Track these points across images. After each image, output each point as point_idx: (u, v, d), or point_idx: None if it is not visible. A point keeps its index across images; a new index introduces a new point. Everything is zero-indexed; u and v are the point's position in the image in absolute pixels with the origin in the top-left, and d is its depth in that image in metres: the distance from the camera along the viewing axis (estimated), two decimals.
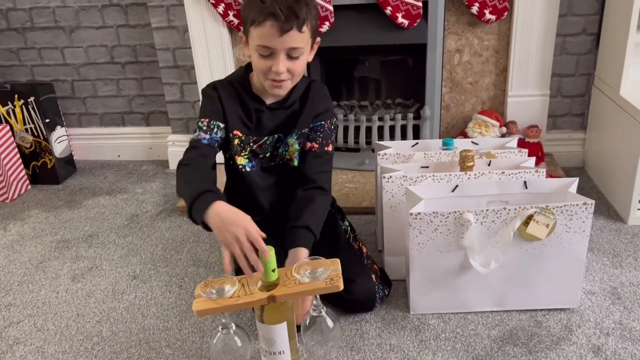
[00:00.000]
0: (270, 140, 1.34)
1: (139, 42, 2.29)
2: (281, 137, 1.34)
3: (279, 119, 1.33)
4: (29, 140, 2.24)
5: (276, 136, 1.34)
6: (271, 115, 1.32)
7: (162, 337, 1.31)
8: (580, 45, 1.98)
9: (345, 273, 1.23)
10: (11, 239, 1.84)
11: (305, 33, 1.17)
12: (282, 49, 1.17)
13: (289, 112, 1.33)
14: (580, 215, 1.19)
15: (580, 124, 2.11)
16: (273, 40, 1.15)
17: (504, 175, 1.33)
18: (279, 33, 1.14)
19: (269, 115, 1.32)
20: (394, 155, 1.48)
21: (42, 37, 2.34)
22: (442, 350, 1.21)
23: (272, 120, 1.33)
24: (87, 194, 2.16)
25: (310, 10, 1.17)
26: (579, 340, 1.21)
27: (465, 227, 1.21)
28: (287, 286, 1.04)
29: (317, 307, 1.10)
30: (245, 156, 1.34)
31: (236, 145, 1.32)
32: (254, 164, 1.35)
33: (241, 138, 1.32)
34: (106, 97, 2.42)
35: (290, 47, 1.17)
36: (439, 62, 1.97)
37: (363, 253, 1.41)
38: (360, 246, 1.43)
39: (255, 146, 1.34)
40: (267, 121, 1.32)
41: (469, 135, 2.00)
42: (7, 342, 1.33)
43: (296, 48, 1.18)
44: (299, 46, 1.18)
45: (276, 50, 1.17)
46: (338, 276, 1.05)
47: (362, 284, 1.30)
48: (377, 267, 1.40)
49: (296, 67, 1.21)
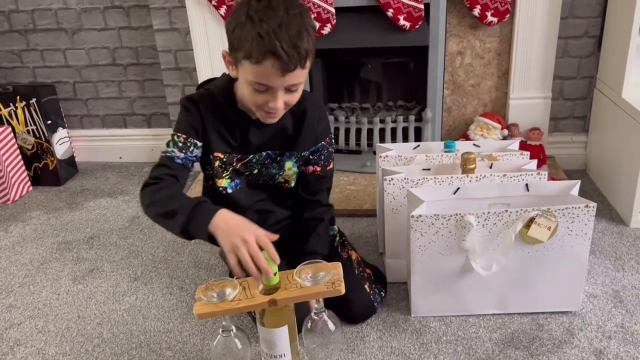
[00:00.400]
0: (257, 158, 1.25)
1: (141, 44, 2.29)
2: (270, 155, 1.25)
3: (266, 135, 1.23)
4: (31, 142, 2.24)
5: (264, 154, 1.25)
6: (258, 132, 1.22)
7: (162, 339, 1.31)
8: (582, 48, 1.98)
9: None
10: (12, 240, 1.84)
11: (307, 67, 1.07)
12: (283, 86, 1.06)
13: (277, 128, 1.22)
14: (582, 218, 1.19)
15: (582, 126, 2.10)
16: (272, 80, 1.04)
17: (505, 177, 1.33)
18: (281, 73, 1.02)
19: (255, 132, 1.22)
20: (396, 157, 1.48)
21: (44, 39, 2.34)
22: (444, 353, 1.20)
23: (259, 137, 1.22)
24: (88, 196, 2.16)
25: (311, 38, 1.04)
26: (580, 343, 1.21)
27: (466, 230, 1.20)
28: (288, 290, 1.03)
29: (318, 310, 1.10)
30: (227, 177, 1.25)
31: (217, 167, 1.22)
32: (239, 182, 1.27)
33: (222, 159, 1.22)
34: (108, 98, 2.43)
35: (292, 84, 1.07)
36: (441, 65, 1.97)
37: (353, 261, 1.38)
38: (349, 253, 1.40)
39: (240, 165, 1.24)
40: (253, 138, 1.22)
41: (471, 137, 2.00)
42: (8, 344, 1.33)
43: (297, 84, 1.08)
44: (299, 82, 1.08)
45: (275, 88, 1.06)
46: (339, 280, 1.05)
47: (357, 299, 1.29)
48: (369, 270, 1.39)
49: (293, 99, 1.12)
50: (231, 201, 1.25)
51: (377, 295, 1.34)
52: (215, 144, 1.21)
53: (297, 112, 1.23)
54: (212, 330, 1.32)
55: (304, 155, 1.28)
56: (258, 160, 1.26)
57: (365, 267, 1.40)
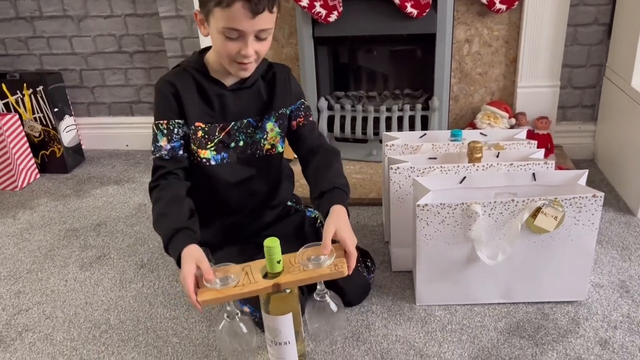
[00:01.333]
0: (238, 125, 1.27)
1: (147, 31, 2.29)
2: (251, 122, 1.28)
3: (243, 102, 1.26)
4: (38, 129, 2.25)
5: (245, 121, 1.27)
6: (234, 98, 1.25)
7: (169, 325, 1.32)
8: (591, 36, 1.96)
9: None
10: (20, 227, 1.85)
11: (275, 12, 1.12)
12: (252, 31, 1.10)
13: (253, 94, 1.27)
14: (589, 208, 1.18)
15: (591, 115, 2.09)
16: (243, 23, 1.08)
17: (512, 167, 1.32)
18: (251, 15, 1.06)
19: (232, 98, 1.25)
20: (402, 146, 1.48)
21: (50, 26, 2.34)
22: (448, 341, 1.21)
23: (236, 104, 1.26)
24: (95, 183, 2.17)
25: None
26: (586, 333, 1.21)
27: (472, 219, 1.20)
28: (292, 273, 1.03)
29: (320, 292, 1.11)
30: (212, 148, 1.26)
31: (200, 138, 1.24)
32: (227, 156, 1.28)
33: (204, 129, 1.24)
34: (114, 86, 2.43)
35: (261, 29, 1.10)
36: (448, 53, 1.95)
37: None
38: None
39: (223, 134, 1.26)
40: (231, 105, 1.25)
41: (478, 126, 1.99)
42: (17, 329, 1.34)
43: (266, 29, 1.12)
44: (269, 27, 1.12)
45: (245, 33, 1.10)
46: (342, 262, 1.05)
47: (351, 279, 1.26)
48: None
49: (263, 48, 1.16)
50: (214, 176, 1.27)
51: (365, 269, 1.36)
52: (195, 115, 1.23)
53: (267, 77, 1.29)
54: (218, 316, 1.33)
55: (282, 112, 1.30)
56: (240, 127, 1.28)
57: None
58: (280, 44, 2.14)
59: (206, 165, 1.27)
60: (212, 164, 1.27)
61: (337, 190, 1.19)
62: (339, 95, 2.18)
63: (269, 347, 1.11)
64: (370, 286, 1.36)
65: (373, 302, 1.34)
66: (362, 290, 1.34)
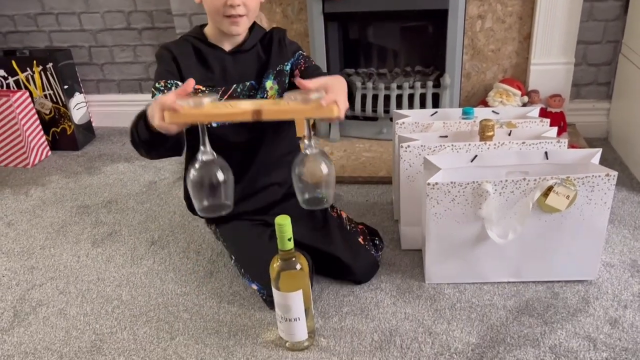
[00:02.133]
0: (241, 87, 1.29)
1: (156, 7, 2.27)
2: (253, 85, 1.30)
3: (243, 65, 1.29)
4: (49, 107, 2.25)
5: (247, 84, 1.30)
6: (234, 62, 1.29)
7: (180, 301, 1.33)
8: (608, 11, 1.91)
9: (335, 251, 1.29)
10: (33, 203, 1.87)
11: None
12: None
13: (252, 57, 1.30)
14: (602, 187, 1.17)
15: (606, 93, 2.05)
16: None
17: (524, 145, 1.31)
18: None
19: (231, 62, 1.28)
20: (413, 124, 1.46)
21: (59, 3, 2.33)
22: (457, 319, 1.21)
23: (236, 67, 1.29)
24: (105, 161, 2.18)
25: None
26: (595, 312, 1.21)
27: (483, 198, 1.19)
28: (278, 105, 0.95)
29: (309, 146, 1.01)
30: None
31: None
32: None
33: (205, 92, 1.24)
34: (123, 63, 2.42)
35: None
36: (460, 29, 1.92)
37: (343, 219, 1.40)
38: (339, 212, 1.43)
39: (225, 97, 1.28)
40: (231, 68, 1.28)
41: (490, 104, 1.96)
42: (31, 304, 1.37)
43: None
44: None
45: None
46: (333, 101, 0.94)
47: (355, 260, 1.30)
48: (361, 225, 1.42)
49: (250, 2, 1.20)
50: (217, 137, 1.24)
51: (373, 247, 1.37)
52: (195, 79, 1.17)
53: (264, 40, 1.32)
54: (230, 294, 1.34)
55: (280, 69, 1.31)
56: (242, 90, 1.30)
57: (357, 224, 1.42)
58: (290, 20, 2.11)
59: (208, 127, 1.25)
60: (214, 125, 1.27)
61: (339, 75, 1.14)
62: (349, 72, 2.15)
63: (279, 323, 1.12)
64: (378, 264, 1.36)
65: (382, 280, 1.35)
66: (369, 268, 1.34)
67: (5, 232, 1.70)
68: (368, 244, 1.36)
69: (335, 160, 1.97)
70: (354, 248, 1.32)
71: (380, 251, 1.39)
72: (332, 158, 1.98)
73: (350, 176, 1.85)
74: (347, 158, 1.98)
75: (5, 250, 1.61)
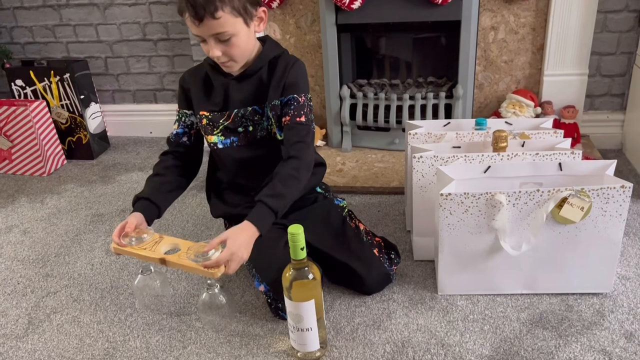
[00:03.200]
0: (242, 112, 1.31)
1: (171, 19, 2.30)
2: (257, 110, 1.31)
3: (246, 90, 1.30)
4: (65, 116, 2.29)
5: (249, 109, 1.31)
6: (238, 87, 1.30)
7: (192, 310, 1.34)
8: (622, 23, 1.91)
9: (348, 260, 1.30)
10: (48, 212, 1.89)
11: (223, 18, 1.15)
12: (208, 36, 1.17)
13: (255, 82, 1.30)
14: (617, 199, 1.16)
15: (620, 104, 2.04)
16: (195, 29, 1.17)
17: (537, 156, 1.30)
18: (196, 23, 1.15)
19: (235, 87, 1.30)
20: (425, 134, 1.46)
21: (77, 14, 2.37)
22: (470, 331, 1.20)
23: (239, 92, 1.30)
24: (120, 170, 2.20)
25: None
26: (611, 325, 1.19)
27: (496, 209, 1.19)
28: (180, 258, 1.15)
29: (210, 286, 1.22)
30: (219, 134, 1.33)
31: (205, 125, 1.33)
32: (236, 139, 1.33)
33: (208, 117, 1.32)
34: (138, 74, 2.45)
35: (213, 33, 1.17)
36: (473, 40, 1.93)
37: (361, 230, 1.40)
38: (357, 224, 1.43)
39: (228, 121, 1.32)
40: (234, 93, 1.30)
41: (503, 115, 1.96)
42: (45, 311, 1.38)
43: (221, 32, 1.17)
44: (222, 31, 1.16)
45: (204, 37, 1.18)
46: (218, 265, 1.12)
47: (370, 269, 1.31)
48: (379, 237, 1.42)
49: (232, 50, 1.20)
50: (224, 157, 1.37)
51: (387, 260, 1.36)
52: (200, 105, 1.34)
53: (272, 63, 1.32)
54: (241, 304, 1.35)
55: (275, 104, 1.30)
56: (244, 114, 1.31)
57: (374, 236, 1.42)
58: (303, 31, 2.13)
59: (214, 149, 1.36)
60: (220, 147, 1.35)
61: (259, 203, 1.18)
62: (362, 83, 2.16)
63: (291, 332, 1.12)
64: (390, 277, 1.35)
65: (394, 291, 1.34)
66: (380, 279, 1.33)
67: (21, 240, 1.72)
68: (383, 256, 1.36)
69: (347, 170, 1.97)
70: (368, 259, 1.32)
71: (395, 266, 1.38)
72: (345, 168, 1.99)
73: (363, 186, 1.85)
74: (359, 168, 1.98)
75: (21, 257, 1.63)
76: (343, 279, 1.34)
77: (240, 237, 1.14)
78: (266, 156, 1.34)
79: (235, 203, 1.39)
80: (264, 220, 1.17)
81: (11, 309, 1.40)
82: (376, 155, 2.08)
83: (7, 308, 1.40)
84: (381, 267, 1.33)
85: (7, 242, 1.71)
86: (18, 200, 1.99)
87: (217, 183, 1.46)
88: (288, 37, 2.15)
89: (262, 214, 1.17)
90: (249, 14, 1.20)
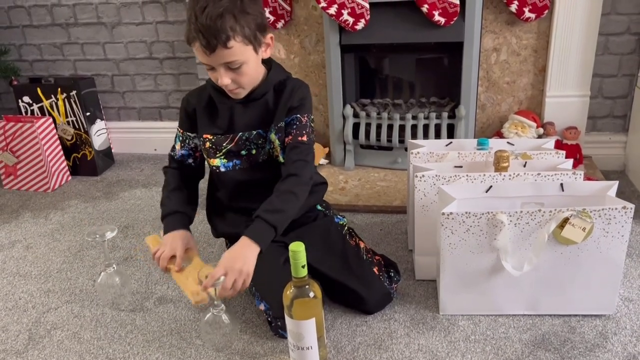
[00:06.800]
0: (247, 136, 1.31)
1: (177, 38, 2.33)
2: (261, 134, 1.31)
3: (252, 114, 1.30)
4: (71, 133, 2.31)
5: (254, 132, 1.31)
6: (243, 111, 1.30)
7: (193, 327, 1.33)
8: (623, 45, 1.93)
9: (348, 281, 1.30)
10: (52, 227, 1.90)
11: (234, 47, 1.15)
12: (218, 64, 1.18)
13: (261, 106, 1.30)
14: (619, 220, 1.16)
15: (622, 126, 2.05)
16: (205, 59, 1.17)
17: (539, 176, 1.31)
18: (207, 52, 1.15)
19: (241, 111, 1.30)
20: (428, 154, 1.47)
21: (84, 33, 2.41)
22: (472, 352, 1.19)
23: (244, 116, 1.30)
24: (124, 186, 2.21)
25: (239, 20, 1.14)
26: (614, 347, 1.18)
27: (498, 229, 1.19)
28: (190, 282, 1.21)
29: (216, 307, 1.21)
30: (222, 157, 1.33)
31: (208, 148, 1.33)
32: (239, 162, 1.33)
33: (212, 140, 1.32)
34: (144, 91, 2.48)
35: (223, 62, 1.17)
36: (476, 61, 1.94)
37: (361, 249, 1.39)
38: (357, 242, 1.42)
39: (232, 145, 1.31)
40: (239, 117, 1.30)
41: (505, 135, 1.97)
42: (45, 327, 1.38)
43: (232, 61, 1.17)
44: (233, 60, 1.17)
45: (214, 66, 1.19)
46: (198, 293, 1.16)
47: (370, 288, 1.31)
48: (379, 256, 1.41)
49: (241, 78, 1.21)
50: (226, 180, 1.37)
51: (387, 279, 1.36)
52: (204, 127, 1.33)
53: (278, 88, 1.31)
54: (242, 321, 1.34)
55: (280, 126, 1.30)
56: (249, 138, 1.31)
57: (374, 255, 1.41)
58: (307, 51, 2.15)
59: (216, 172, 1.36)
60: (222, 170, 1.35)
61: (257, 219, 1.19)
62: (365, 103, 2.18)
63: (291, 351, 1.12)
64: (390, 296, 1.35)
65: (396, 310, 1.34)
66: (380, 299, 1.33)
67: (24, 255, 1.72)
68: (382, 275, 1.35)
69: (350, 188, 1.98)
70: (368, 279, 1.32)
71: (395, 284, 1.38)
72: (347, 186, 1.99)
73: (365, 205, 1.85)
74: (361, 187, 1.99)
75: (23, 273, 1.63)
76: (343, 298, 1.34)
77: (231, 252, 1.15)
78: (267, 179, 1.33)
79: (236, 223, 1.39)
80: (263, 234, 1.17)
81: (12, 324, 1.39)
82: (379, 174, 2.09)
83: (8, 323, 1.40)
84: (381, 286, 1.32)
85: (9, 258, 1.72)
86: (22, 216, 2.00)
87: (217, 203, 1.46)
88: (292, 57, 2.18)
89: (260, 228, 1.18)
90: (258, 42, 1.21)
